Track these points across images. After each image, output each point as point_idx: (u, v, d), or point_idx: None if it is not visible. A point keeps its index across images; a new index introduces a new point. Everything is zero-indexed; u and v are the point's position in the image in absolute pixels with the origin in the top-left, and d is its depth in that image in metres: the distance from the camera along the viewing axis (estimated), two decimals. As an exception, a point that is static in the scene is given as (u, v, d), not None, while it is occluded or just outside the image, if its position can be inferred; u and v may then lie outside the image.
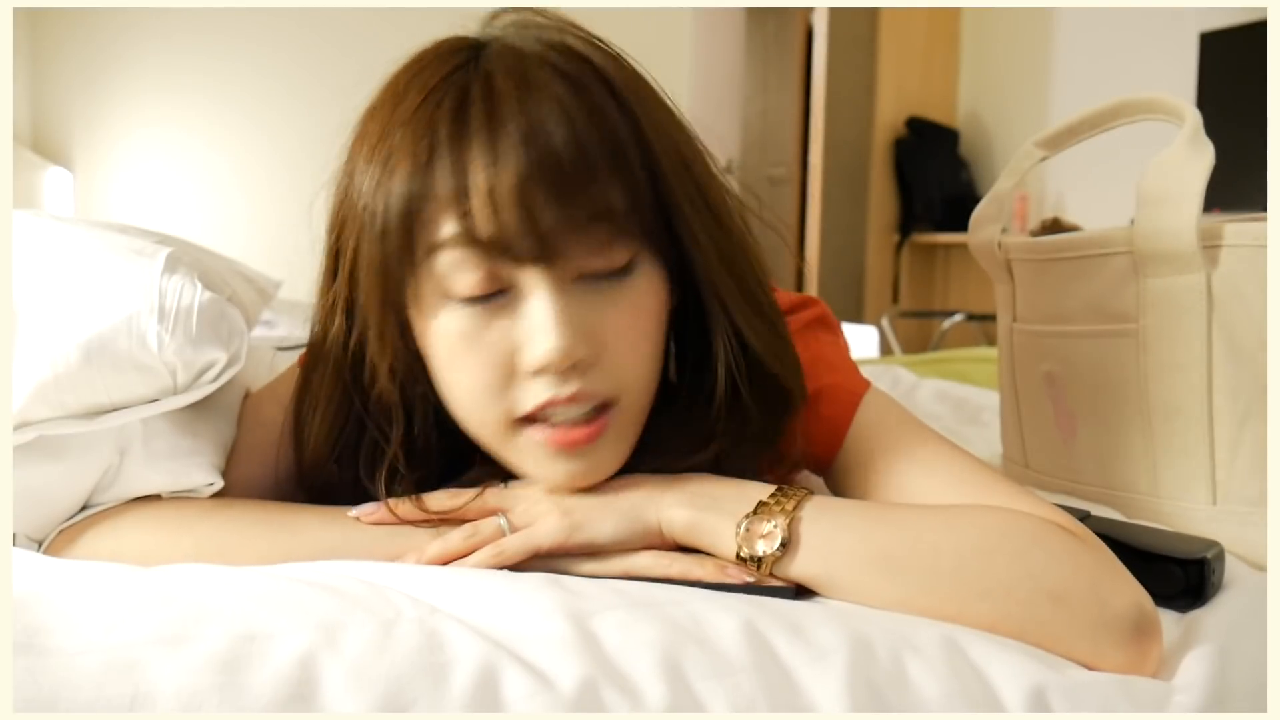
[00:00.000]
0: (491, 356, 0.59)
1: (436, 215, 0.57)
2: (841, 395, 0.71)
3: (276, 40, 4.12)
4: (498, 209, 0.56)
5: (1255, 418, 0.75)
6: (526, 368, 0.58)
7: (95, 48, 4.29)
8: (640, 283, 0.60)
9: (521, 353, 0.58)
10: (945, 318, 3.72)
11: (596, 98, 0.58)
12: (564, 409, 0.59)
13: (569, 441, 0.59)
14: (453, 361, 0.60)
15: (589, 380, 0.59)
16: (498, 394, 0.59)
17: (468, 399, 0.61)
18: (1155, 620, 0.53)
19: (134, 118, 4.30)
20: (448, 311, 0.59)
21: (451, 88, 0.58)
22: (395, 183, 0.58)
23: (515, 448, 0.61)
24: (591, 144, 0.57)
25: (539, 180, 0.55)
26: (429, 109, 0.58)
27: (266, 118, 4.09)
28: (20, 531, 0.64)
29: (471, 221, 0.56)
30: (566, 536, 0.60)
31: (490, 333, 0.59)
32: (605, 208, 0.57)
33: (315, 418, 0.66)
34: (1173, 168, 0.77)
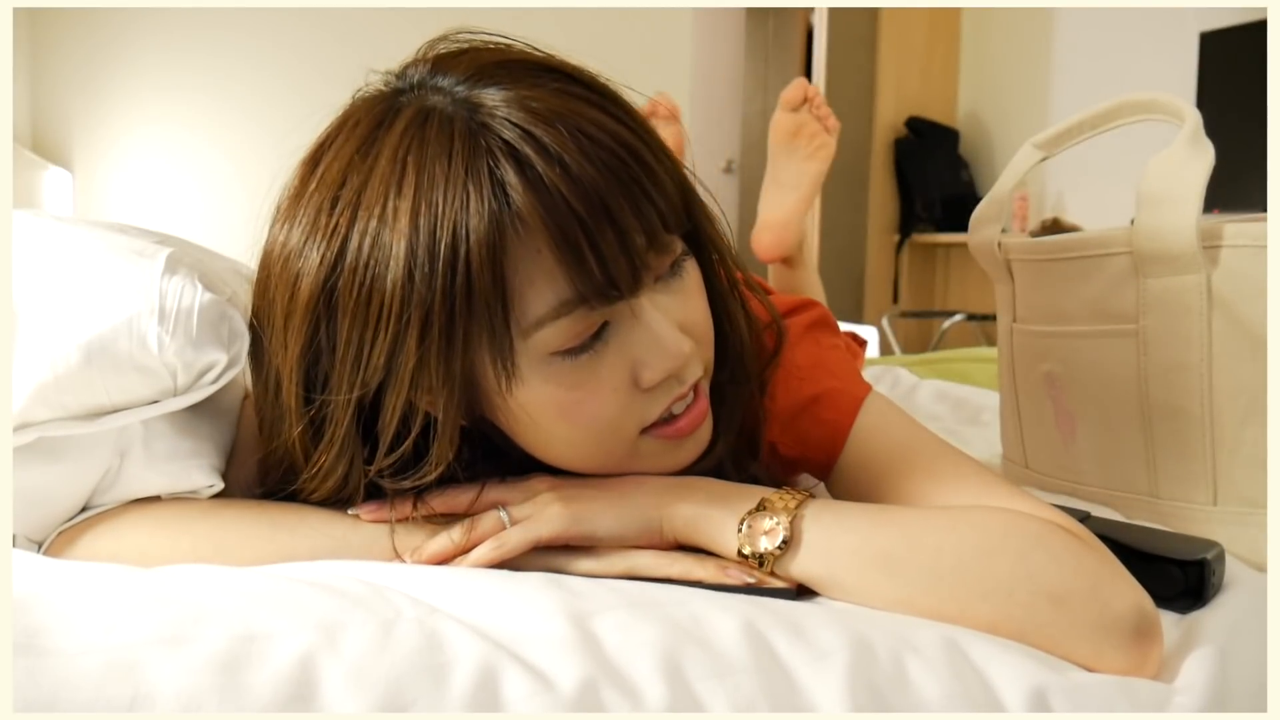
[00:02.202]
0: (611, 388, 0.58)
1: (531, 273, 0.54)
2: (842, 399, 0.71)
3: (277, 40, 4.12)
4: (599, 243, 0.54)
5: (1255, 418, 0.75)
6: (651, 380, 0.59)
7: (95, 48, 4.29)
8: (691, 265, 0.63)
9: (641, 371, 0.59)
10: (945, 318, 3.72)
11: (611, 111, 0.58)
12: (682, 401, 0.61)
13: (694, 423, 0.62)
14: (567, 412, 0.58)
15: (693, 369, 0.61)
16: (625, 415, 0.60)
17: (591, 437, 0.60)
18: (1156, 622, 0.53)
19: (134, 117, 4.30)
20: (551, 368, 0.57)
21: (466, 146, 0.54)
22: (462, 241, 0.52)
23: (638, 456, 0.62)
24: (638, 147, 0.57)
25: (622, 194, 0.54)
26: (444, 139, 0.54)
27: (267, 117, 4.09)
28: (20, 533, 0.64)
29: (582, 268, 0.53)
30: (567, 527, 0.60)
31: (602, 369, 0.58)
32: (666, 206, 0.58)
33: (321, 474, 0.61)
34: (1173, 168, 0.77)
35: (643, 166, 0.56)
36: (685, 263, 0.62)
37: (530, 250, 0.54)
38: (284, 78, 4.08)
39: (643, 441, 0.62)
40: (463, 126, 0.55)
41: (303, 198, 0.59)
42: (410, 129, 0.55)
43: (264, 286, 0.61)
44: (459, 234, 0.53)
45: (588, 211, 0.53)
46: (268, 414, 0.64)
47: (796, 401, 0.70)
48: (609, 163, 0.54)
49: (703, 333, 0.62)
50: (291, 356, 0.59)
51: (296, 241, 0.58)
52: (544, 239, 0.54)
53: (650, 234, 0.57)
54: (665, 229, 0.58)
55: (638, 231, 0.56)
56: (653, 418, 0.61)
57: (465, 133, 0.54)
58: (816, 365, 0.72)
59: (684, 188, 0.62)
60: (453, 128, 0.55)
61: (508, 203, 0.53)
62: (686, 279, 0.61)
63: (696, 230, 0.64)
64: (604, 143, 0.55)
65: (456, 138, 0.54)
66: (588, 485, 0.63)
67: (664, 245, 0.59)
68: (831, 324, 0.81)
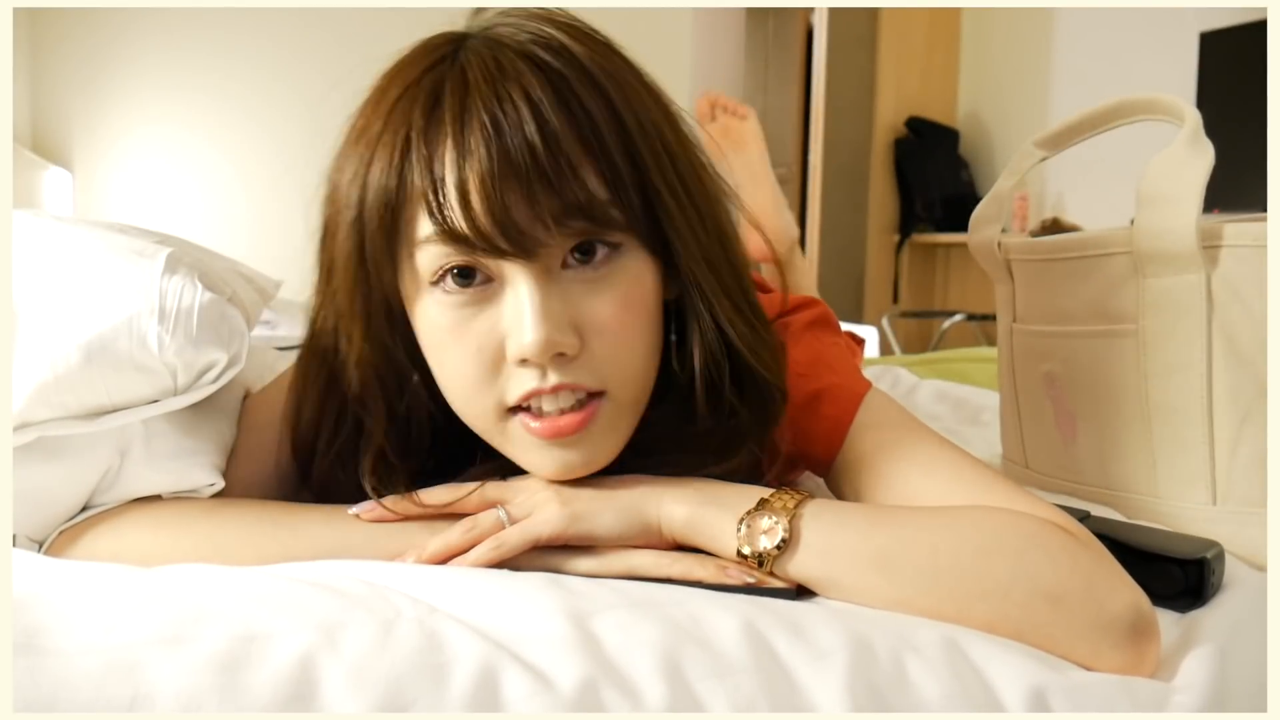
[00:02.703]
0: (479, 345, 0.59)
1: (414, 210, 0.58)
2: (843, 395, 0.71)
3: (277, 39, 4.12)
4: (469, 204, 0.56)
5: (1255, 418, 0.75)
6: (510, 358, 0.58)
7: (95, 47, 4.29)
8: (628, 271, 0.60)
9: (506, 343, 0.58)
10: (945, 318, 3.72)
11: (573, 85, 0.58)
12: (549, 399, 0.59)
13: (554, 431, 0.59)
14: (441, 352, 0.61)
15: (572, 372, 0.59)
16: (487, 383, 0.60)
17: (459, 389, 0.61)
18: (1153, 621, 0.53)
19: (134, 117, 4.29)
20: (433, 301, 0.60)
21: (427, 82, 0.58)
22: (372, 177, 0.59)
23: (508, 437, 0.62)
24: (564, 133, 0.56)
25: (509, 174, 0.55)
26: (405, 104, 0.58)
27: (267, 117, 4.08)
28: (21, 532, 0.64)
29: (445, 217, 0.56)
30: (566, 526, 0.60)
31: (477, 322, 0.59)
32: (582, 199, 0.57)
33: (306, 407, 0.67)
34: (1173, 168, 0.77)
35: (554, 151, 0.56)
36: (620, 265, 0.60)
37: (418, 186, 0.57)
38: (284, 78, 4.08)
39: (511, 423, 0.61)
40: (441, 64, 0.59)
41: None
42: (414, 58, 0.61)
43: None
44: (380, 149, 0.58)
45: (466, 166, 0.56)
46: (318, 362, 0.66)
47: (797, 397, 0.70)
48: (516, 135, 0.56)
49: (611, 343, 0.59)
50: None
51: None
52: (425, 179, 0.57)
53: (545, 213, 0.56)
54: (565, 214, 0.57)
55: (523, 202, 0.56)
56: (509, 400, 0.59)
57: (442, 59, 0.59)
58: (817, 361, 0.72)
59: (647, 188, 0.60)
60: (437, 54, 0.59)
61: (409, 139, 0.57)
62: (616, 280, 0.59)
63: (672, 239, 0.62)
64: (523, 118, 0.56)
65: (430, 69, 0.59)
66: (586, 485, 0.62)
67: (575, 230, 0.57)
68: (832, 322, 0.81)
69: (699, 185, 0.63)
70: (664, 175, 0.61)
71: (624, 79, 0.61)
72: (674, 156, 0.62)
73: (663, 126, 0.62)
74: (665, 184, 0.61)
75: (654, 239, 0.62)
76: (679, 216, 0.61)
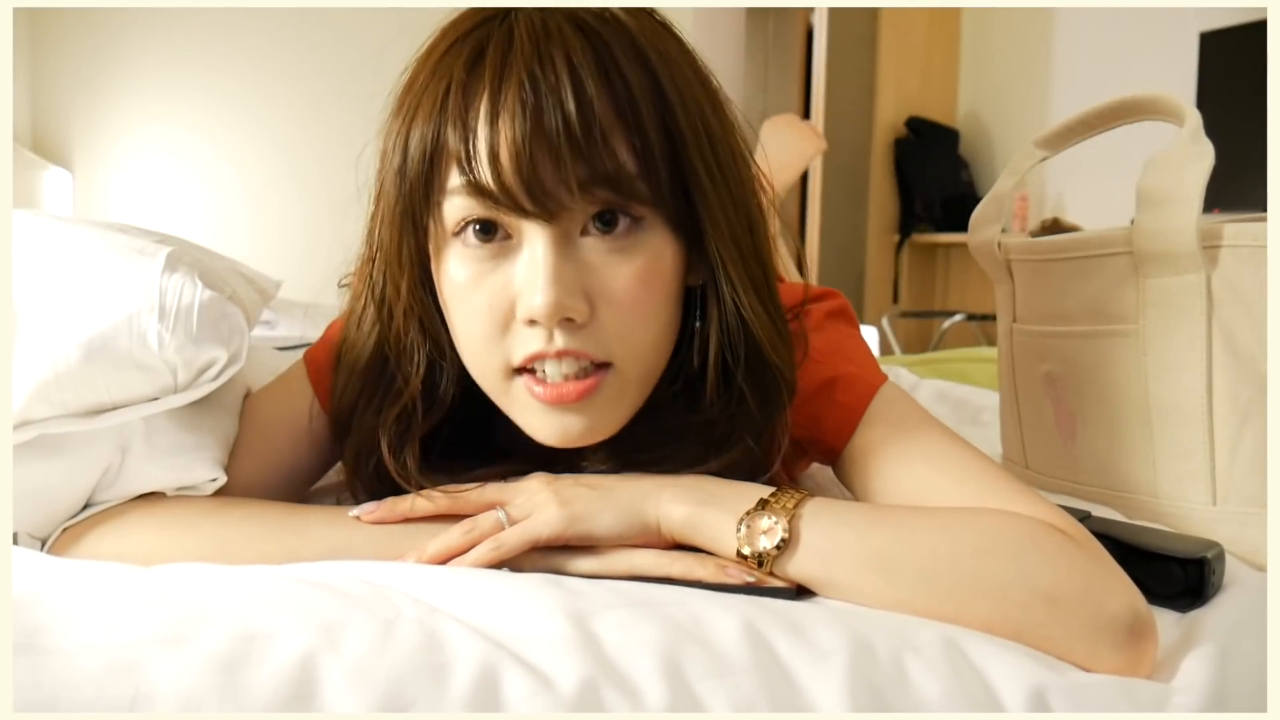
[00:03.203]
0: (491, 300, 0.60)
1: (447, 162, 0.59)
2: (858, 385, 0.70)
3: (277, 40, 4.12)
4: (498, 163, 0.57)
5: (1255, 418, 0.75)
6: (519, 317, 0.59)
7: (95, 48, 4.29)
8: (648, 245, 0.60)
9: (517, 302, 0.59)
10: (945, 318, 3.72)
11: (616, 54, 0.58)
12: (552, 364, 0.59)
13: (557, 397, 0.59)
14: (457, 304, 0.62)
15: (580, 339, 0.59)
16: (496, 340, 0.60)
17: (470, 343, 0.62)
18: (1150, 622, 0.53)
19: (134, 117, 4.29)
20: (455, 253, 0.61)
21: (474, 37, 0.59)
22: (413, 128, 0.60)
23: (512, 399, 0.62)
24: (601, 101, 0.57)
25: (540, 136, 0.56)
26: (450, 57, 0.59)
27: (267, 117, 4.08)
28: (22, 530, 0.64)
29: (474, 173, 0.57)
30: (565, 527, 0.60)
31: (493, 277, 0.60)
32: (611, 169, 0.57)
33: (352, 356, 0.68)
34: (1173, 168, 0.77)
35: (587, 118, 0.56)
36: (641, 239, 0.60)
37: (452, 139, 0.58)
38: (284, 78, 4.08)
39: (516, 385, 0.61)
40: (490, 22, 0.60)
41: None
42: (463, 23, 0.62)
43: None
44: (417, 110, 0.60)
45: (499, 125, 0.56)
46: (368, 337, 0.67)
47: (811, 384, 0.70)
48: (552, 99, 0.56)
49: (622, 315, 0.59)
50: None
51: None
52: (458, 133, 0.58)
53: (572, 180, 0.56)
54: (591, 183, 0.57)
55: (551, 165, 0.56)
56: (515, 360, 0.60)
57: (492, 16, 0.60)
58: (834, 351, 0.72)
59: (681, 163, 0.60)
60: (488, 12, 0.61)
61: (448, 93, 0.58)
62: (635, 253, 0.59)
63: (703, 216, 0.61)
64: (561, 82, 0.56)
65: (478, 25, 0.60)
66: (584, 484, 0.62)
67: (599, 199, 0.58)
68: (850, 315, 0.81)
69: (734, 169, 0.63)
70: (700, 154, 0.61)
71: (671, 55, 0.61)
72: (713, 137, 0.62)
73: (704, 106, 0.62)
74: (702, 162, 0.61)
75: (681, 219, 0.62)
76: (712, 196, 0.61)
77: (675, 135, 0.60)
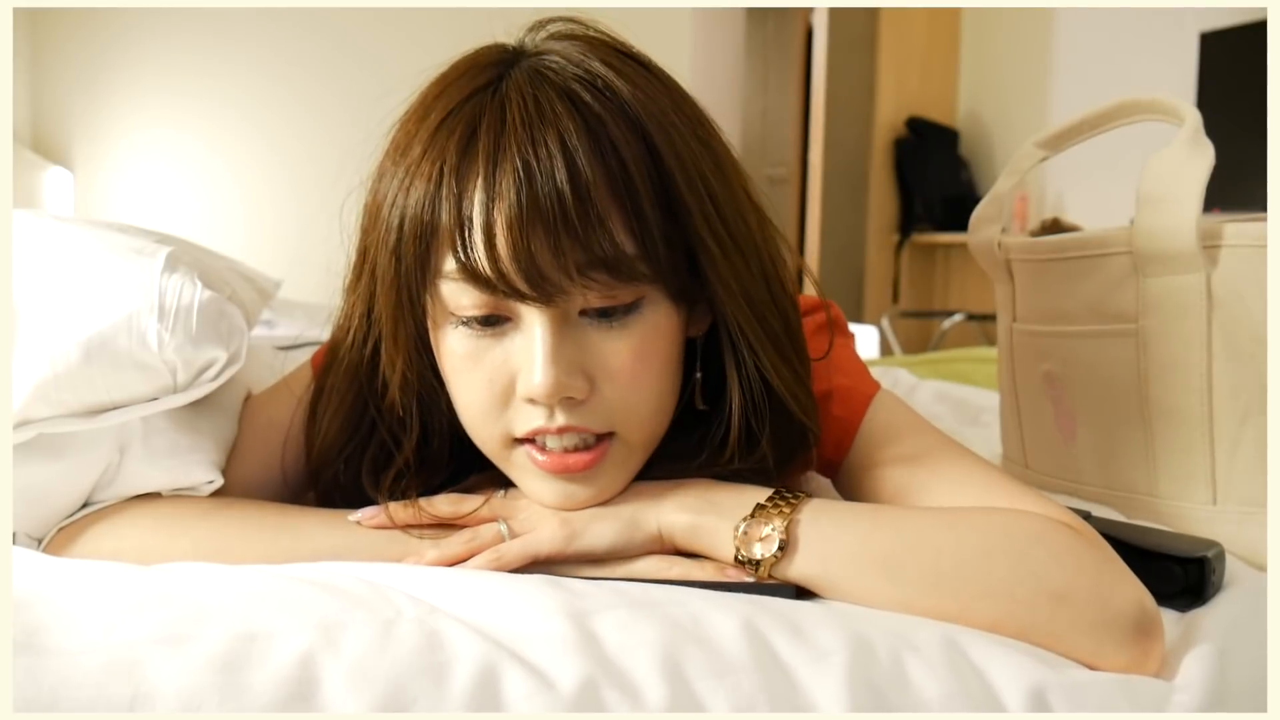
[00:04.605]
0: (491, 377, 0.60)
1: (441, 243, 0.58)
2: (852, 397, 0.71)
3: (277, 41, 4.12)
4: (493, 247, 0.56)
5: (1255, 417, 0.75)
6: (519, 395, 0.59)
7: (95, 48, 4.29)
8: (646, 321, 0.60)
9: (517, 379, 0.59)
10: (945, 318, 3.72)
11: (610, 131, 0.57)
12: (554, 439, 0.60)
13: (563, 467, 0.60)
14: (456, 378, 0.62)
15: (581, 415, 0.59)
16: (497, 413, 0.60)
17: (470, 414, 0.62)
18: (1157, 619, 0.53)
19: (134, 118, 4.29)
20: (454, 330, 0.60)
21: (467, 112, 0.58)
22: (409, 205, 0.58)
23: (514, 465, 0.62)
24: (596, 184, 0.56)
25: (536, 221, 0.55)
26: (444, 133, 0.58)
27: (267, 118, 4.08)
28: (20, 530, 0.64)
29: (470, 260, 0.56)
30: (565, 544, 0.60)
31: (491, 355, 0.59)
32: (609, 253, 0.56)
33: (328, 415, 0.67)
34: (1173, 168, 0.76)
35: (584, 202, 0.55)
36: (640, 315, 0.59)
37: (446, 222, 0.57)
38: (284, 81, 4.08)
39: (517, 452, 0.61)
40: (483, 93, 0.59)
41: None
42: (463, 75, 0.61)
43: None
44: (411, 185, 0.59)
45: (494, 209, 0.56)
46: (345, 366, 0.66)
47: None
48: (546, 183, 0.55)
49: (623, 389, 0.59)
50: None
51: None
52: (453, 216, 0.57)
53: (569, 264, 0.56)
54: (589, 267, 0.56)
55: (548, 250, 0.55)
56: (516, 433, 0.60)
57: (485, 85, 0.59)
58: (827, 363, 0.72)
59: (688, 237, 0.59)
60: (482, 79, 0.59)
61: (442, 172, 0.57)
62: (634, 329, 0.59)
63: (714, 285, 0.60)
64: (555, 165, 0.55)
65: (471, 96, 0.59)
66: None
67: (596, 282, 0.57)
68: (842, 325, 0.81)
69: (742, 225, 0.62)
70: (706, 221, 0.59)
71: (668, 119, 0.59)
72: (716, 199, 0.60)
73: (705, 169, 0.60)
74: (708, 230, 0.59)
75: (684, 285, 0.61)
76: (722, 262, 0.60)
77: (677, 207, 0.59)
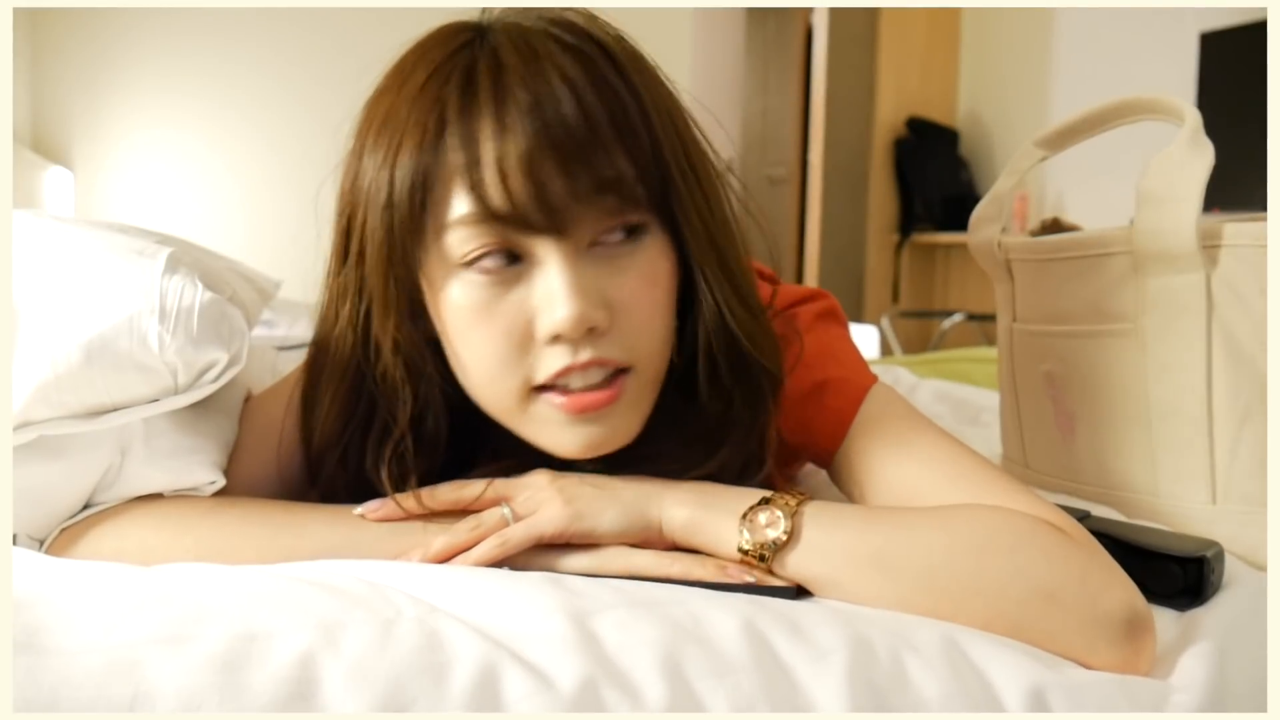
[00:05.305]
0: (507, 325, 0.59)
1: (447, 189, 0.58)
2: (847, 388, 0.71)
3: (277, 41, 4.12)
4: (508, 180, 0.57)
5: (1255, 417, 0.75)
6: (542, 335, 0.59)
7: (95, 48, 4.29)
8: (650, 249, 0.61)
9: (537, 321, 0.59)
10: (945, 318, 3.72)
11: (601, 69, 0.59)
12: (580, 375, 0.59)
13: (585, 405, 0.60)
14: (467, 333, 0.61)
15: (603, 347, 0.59)
16: (514, 362, 0.60)
17: (483, 369, 0.61)
18: (1147, 618, 0.53)
19: (134, 118, 4.29)
20: (461, 282, 0.60)
21: (459, 63, 0.59)
22: (403, 157, 0.59)
23: (531, 417, 0.62)
24: (598, 113, 0.58)
25: (547, 150, 0.56)
26: (436, 85, 0.59)
27: (267, 118, 4.09)
28: (22, 531, 0.64)
29: (483, 194, 0.57)
30: (568, 523, 0.60)
31: (505, 302, 0.59)
32: (614, 176, 0.58)
33: (326, 400, 0.67)
34: (1173, 168, 0.77)
35: (591, 127, 0.57)
36: (637, 240, 0.61)
37: (453, 164, 0.58)
38: (283, 81, 4.08)
39: (536, 404, 0.61)
40: (468, 48, 0.60)
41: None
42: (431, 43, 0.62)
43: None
44: (408, 135, 0.59)
45: (505, 142, 0.56)
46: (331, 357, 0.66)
47: (802, 388, 0.70)
48: (554, 113, 0.57)
49: (638, 318, 0.60)
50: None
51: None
52: (461, 157, 0.57)
53: (580, 189, 0.57)
54: (598, 190, 0.58)
55: (558, 176, 0.57)
56: (539, 378, 0.60)
57: (467, 43, 0.60)
58: (824, 353, 0.72)
59: (663, 170, 0.61)
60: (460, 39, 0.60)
61: (443, 119, 0.58)
62: (640, 258, 0.61)
63: (686, 226, 0.63)
64: (562, 97, 0.57)
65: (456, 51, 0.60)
66: (588, 483, 0.63)
67: (605, 208, 0.59)
68: (840, 316, 0.81)
69: (705, 171, 0.65)
70: (676, 159, 0.62)
71: (644, 68, 0.63)
72: (685, 141, 0.63)
73: (675, 117, 0.64)
74: (678, 167, 0.62)
75: (669, 222, 0.63)
76: (688, 200, 0.62)
77: (658, 145, 0.61)
